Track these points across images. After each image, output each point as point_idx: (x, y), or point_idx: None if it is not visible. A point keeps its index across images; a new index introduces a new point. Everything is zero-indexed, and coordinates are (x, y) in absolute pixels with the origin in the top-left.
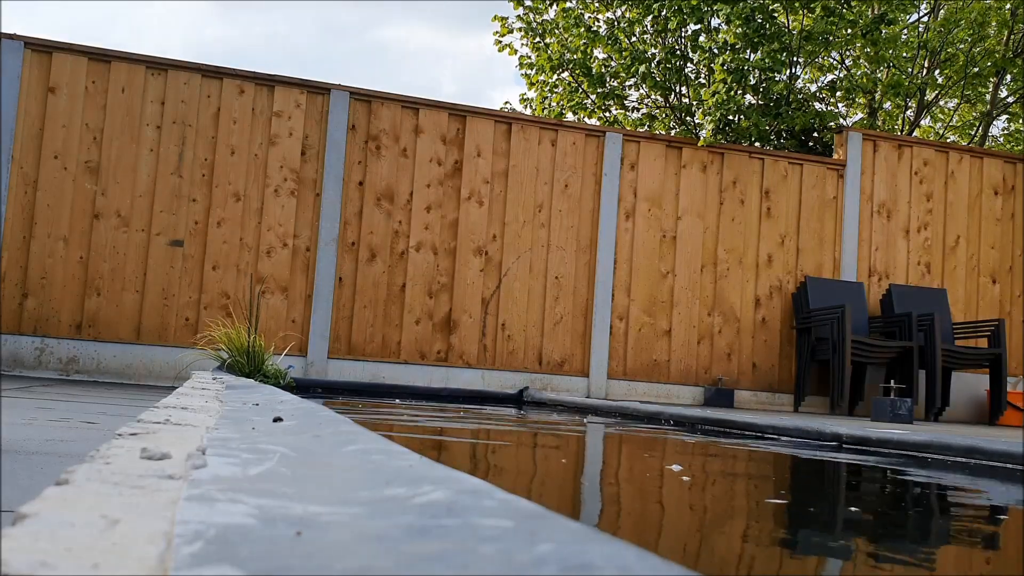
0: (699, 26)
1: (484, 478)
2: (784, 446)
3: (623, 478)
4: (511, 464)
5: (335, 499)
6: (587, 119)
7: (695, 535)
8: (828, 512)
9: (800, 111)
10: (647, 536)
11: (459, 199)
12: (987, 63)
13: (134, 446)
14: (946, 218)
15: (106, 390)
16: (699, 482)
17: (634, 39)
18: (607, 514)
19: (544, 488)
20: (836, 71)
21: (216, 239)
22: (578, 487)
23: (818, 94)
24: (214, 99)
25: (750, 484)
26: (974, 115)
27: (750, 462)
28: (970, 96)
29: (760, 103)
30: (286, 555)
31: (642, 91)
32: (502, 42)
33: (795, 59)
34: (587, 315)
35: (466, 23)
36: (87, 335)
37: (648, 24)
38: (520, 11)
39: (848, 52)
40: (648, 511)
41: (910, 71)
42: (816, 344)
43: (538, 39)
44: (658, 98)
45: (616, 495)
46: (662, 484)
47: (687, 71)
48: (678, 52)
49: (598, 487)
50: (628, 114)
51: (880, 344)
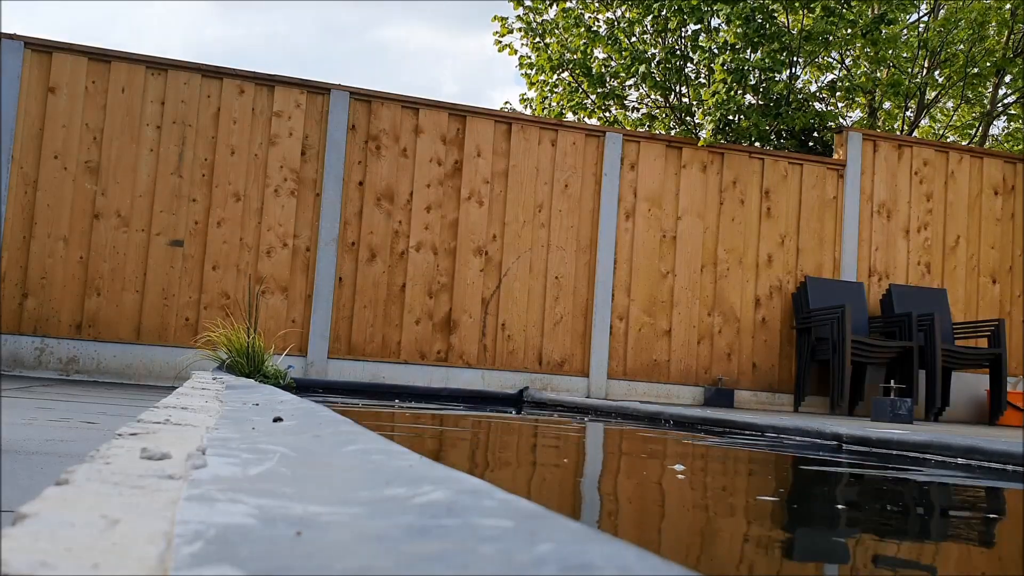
0: (699, 26)
1: (484, 478)
2: (784, 446)
3: (623, 478)
4: (511, 464)
5: (335, 499)
6: (587, 119)
7: (695, 535)
8: (828, 512)
9: (800, 111)
10: (647, 536)
11: (459, 199)
12: (987, 63)
13: (134, 446)
14: (946, 218)
15: (106, 390)
16: (699, 482)
17: (634, 39)
18: (607, 514)
19: (544, 488)
20: (836, 71)
21: (216, 239)
22: (578, 487)
23: (818, 94)
24: (214, 99)
25: (750, 484)
26: (974, 115)
27: (750, 462)
28: (970, 96)
29: (760, 103)
30: (286, 555)
31: (642, 91)
32: (502, 42)
33: (795, 59)
34: (587, 315)
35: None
36: (87, 335)
37: (648, 24)
38: (520, 11)
39: (848, 52)
40: (648, 511)
41: (910, 71)
42: (816, 344)
43: (538, 39)
44: (658, 98)
45: (616, 495)
46: (662, 484)
47: (687, 71)
48: (678, 52)
49: (598, 487)
50: (628, 114)
51: (880, 344)
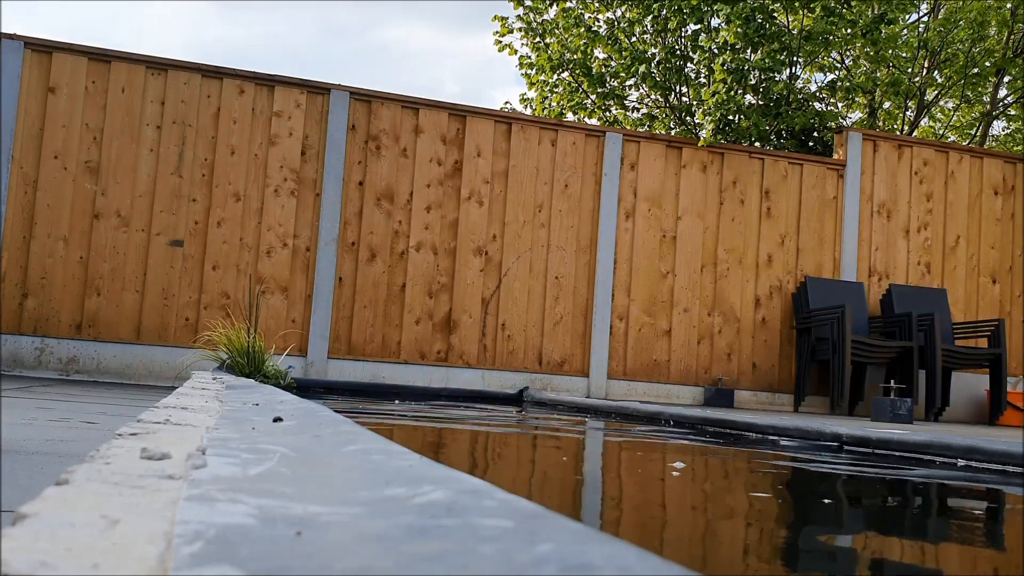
0: (699, 26)
1: (484, 478)
2: (784, 446)
3: (623, 478)
4: (511, 464)
5: (335, 499)
6: (587, 119)
7: (695, 535)
8: (829, 512)
9: (800, 111)
10: (647, 536)
11: (459, 199)
12: (987, 63)
13: (134, 446)
14: (946, 218)
15: (106, 390)
16: (699, 481)
17: (634, 39)
18: (607, 514)
19: (544, 488)
20: (836, 71)
21: (216, 239)
22: (578, 487)
23: (818, 94)
24: (214, 99)
25: (750, 484)
26: (974, 115)
27: (750, 462)
28: (970, 96)
29: (760, 103)
30: (286, 555)
31: (642, 91)
32: (502, 42)
33: (795, 59)
34: (587, 315)
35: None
36: (87, 335)
37: (648, 24)
38: (520, 11)
39: (848, 52)
40: (648, 511)
41: (910, 71)
42: (816, 344)
43: (538, 39)
44: (658, 98)
45: (616, 495)
46: (662, 484)
47: (687, 71)
48: (678, 52)
49: (598, 487)
50: (628, 114)
51: (880, 344)
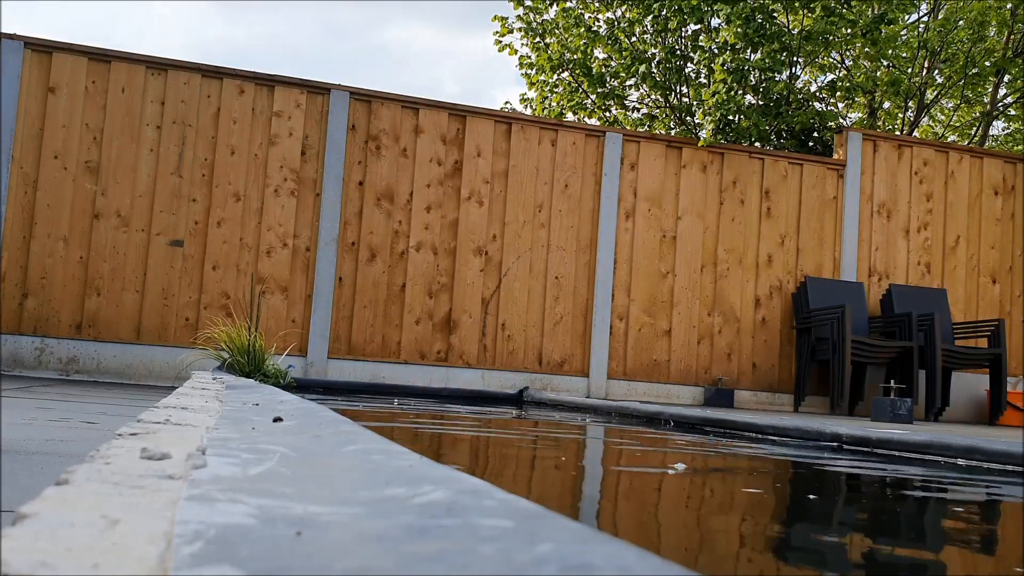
0: (699, 26)
1: (484, 478)
2: (784, 446)
3: (623, 478)
4: (511, 464)
5: (335, 499)
6: (587, 119)
7: (695, 535)
8: (829, 512)
9: (800, 111)
10: (647, 536)
11: (459, 199)
12: (987, 63)
13: (134, 446)
14: (946, 218)
15: (106, 390)
16: (699, 482)
17: (634, 39)
18: (607, 514)
19: (544, 488)
20: (836, 71)
21: (216, 239)
22: (578, 487)
23: (818, 94)
24: (214, 99)
25: (750, 484)
26: (974, 115)
27: (750, 462)
28: (970, 96)
29: (760, 103)
30: (286, 555)
31: (642, 91)
32: (502, 42)
33: (795, 59)
34: (587, 315)
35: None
36: (87, 335)
37: (648, 24)
38: (520, 11)
39: (848, 52)
40: (648, 511)
41: (910, 71)
42: (816, 344)
43: (538, 39)
44: (658, 98)
45: (616, 495)
46: (662, 484)
47: (687, 71)
48: (678, 52)
49: (598, 487)
50: (628, 114)
51: (880, 344)
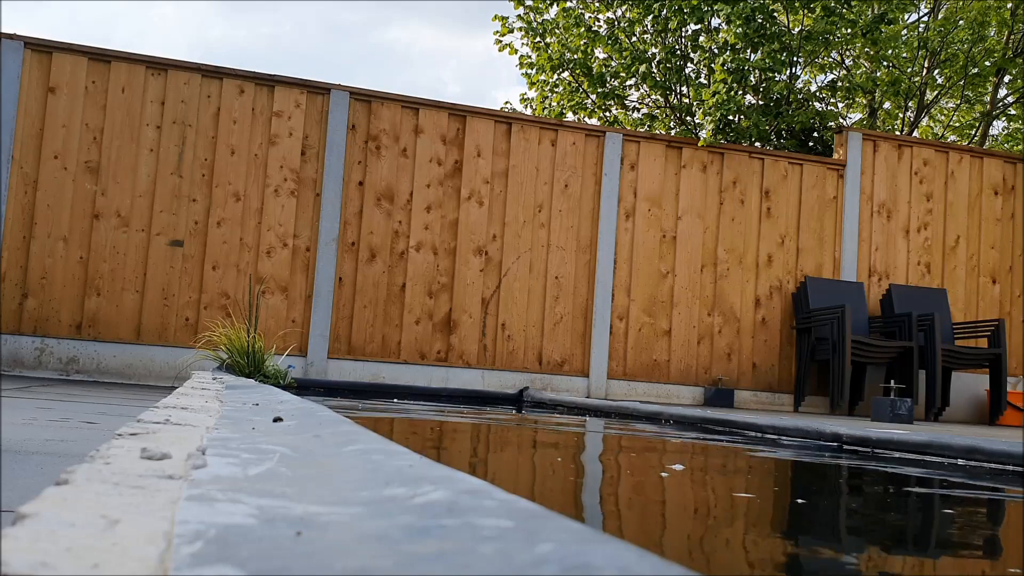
0: (699, 26)
1: (484, 478)
2: (784, 446)
3: (623, 478)
4: (511, 464)
5: (335, 499)
6: (587, 119)
7: (695, 535)
8: (829, 512)
9: (800, 111)
10: (647, 536)
11: (459, 199)
12: (987, 63)
13: (134, 446)
14: (946, 218)
15: (106, 390)
16: (698, 482)
17: (634, 39)
18: (607, 514)
19: (544, 488)
20: (836, 71)
21: (216, 239)
22: (578, 487)
23: (818, 94)
24: (214, 99)
25: (749, 484)
26: (974, 115)
27: (750, 462)
28: (970, 96)
29: (760, 103)
30: (286, 555)
31: (642, 91)
32: (502, 42)
33: (795, 59)
34: (587, 315)
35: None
36: (87, 335)
37: (648, 24)
38: (520, 11)
39: (848, 52)
40: (648, 511)
41: (910, 71)
42: (816, 344)
43: (538, 39)
44: (658, 98)
45: (616, 495)
46: (662, 484)
47: (687, 71)
48: (678, 52)
49: (598, 487)
50: (628, 114)
51: (880, 344)
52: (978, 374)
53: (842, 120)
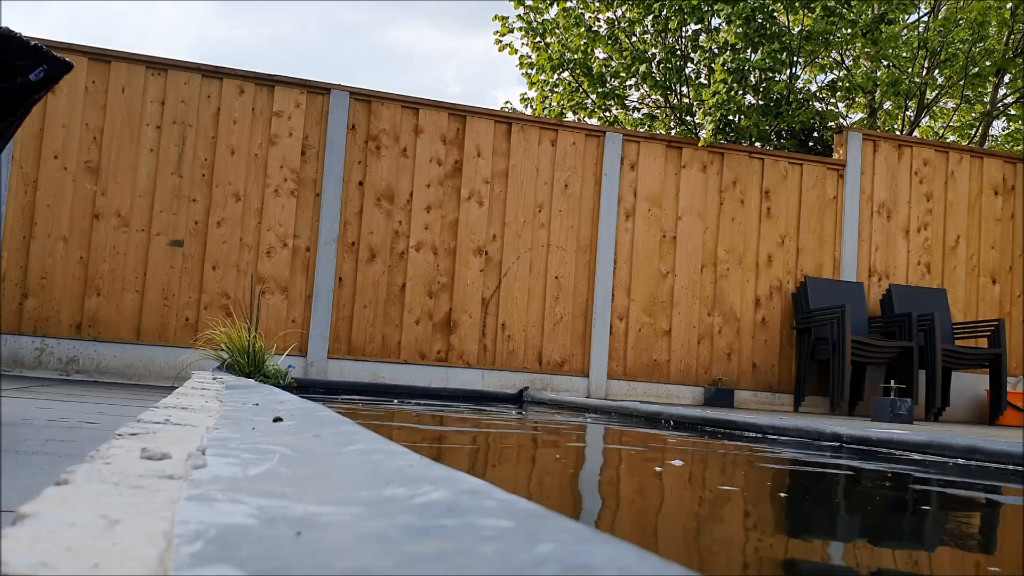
0: (699, 26)
1: (484, 478)
2: (784, 446)
3: (623, 478)
4: (511, 464)
5: (335, 499)
6: (587, 119)
7: (695, 535)
8: (829, 511)
9: (800, 111)
10: (647, 536)
11: (459, 199)
12: (987, 63)
13: (134, 446)
14: (946, 218)
15: (106, 390)
16: (698, 482)
17: (634, 39)
18: (607, 514)
19: (544, 488)
20: (836, 71)
21: (216, 239)
22: (578, 487)
23: (818, 94)
24: (214, 99)
25: (749, 484)
26: (974, 115)
27: (750, 462)
28: (970, 96)
29: (760, 103)
30: (286, 555)
31: (642, 91)
32: (503, 42)
33: (795, 59)
34: (587, 315)
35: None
36: (87, 335)
37: (648, 24)
38: (521, 10)
39: (848, 52)
40: (648, 511)
41: (910, 71)
42: (816, 344)
43: (538, 39)
44: (658, 98)
45: (616, 495)
46: (662, 484)
47: (687, 71)
48: (678, 52)
49: (598, 487)
50: (628, 114)
51: (880, 344)
52: (978, 374)
53: (842, 120)
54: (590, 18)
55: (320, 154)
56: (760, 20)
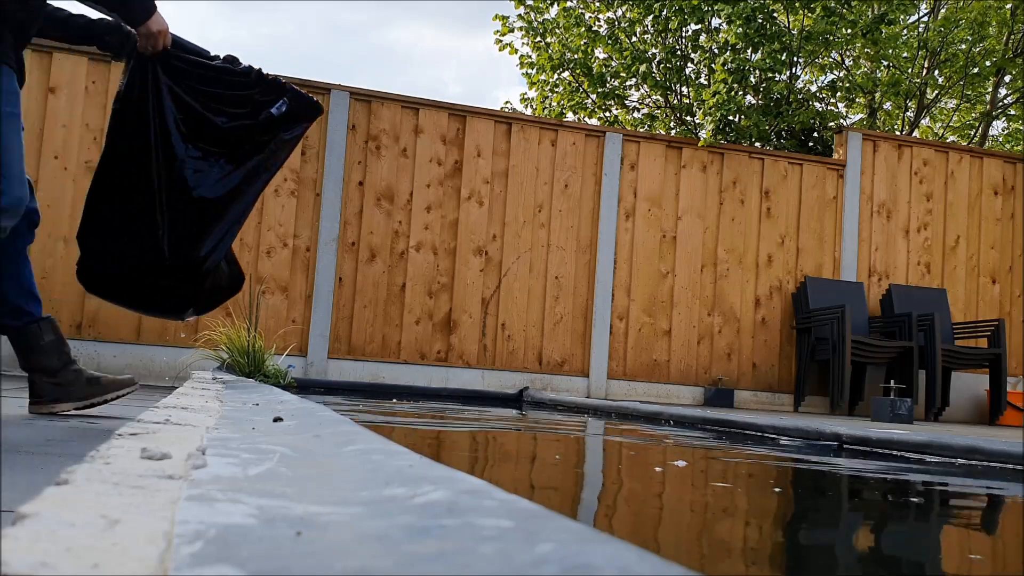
0: (700, 26)
1: (484, 478)
2: (784, 446)
3: (623, 478)
4: (511, 464)
5: (335, 499)
6: (587, 119)
7: (696, 535)
8: (829, 511)
9: (800, 111)
10: (647, 535)
11: (459, 199)
12: (987, 63)
13: (134, 446)
14: (946, 218)
15: None
16: (699, 482)
17: (635, 39)
18: (608, 514)
19: (544, 488)
20: (836, 71)
21: None
22: (578, 487)
23: (818, 94)
24: None
25: (749, 484)
26: (974, 115)
27: (750, 462)
28: (970, 96)
29: (760, 103)
30: (286, 555)
31: (642, 91)
32: (503, 41)
33: (795, 59)
34: (587, 315)
35: (471, 23)
36: (87, 335)
37: (649, 24)
38: (521, 10)
39: (848, 52)
40: (648, 511)
41: (910, 71)
42: (816, 344)
43: (539, 38)
44: (658, 98)
45: (616, 495)
46: (662, 484)
47: (687, 71)
48: (679, 52)
49: (598, 487)
50: (628, 114)
51: (880, 344)
52: (978, 374)
53: (842, 120)
54: (590, 18)
55: (320, 154)
56: (760, 20)
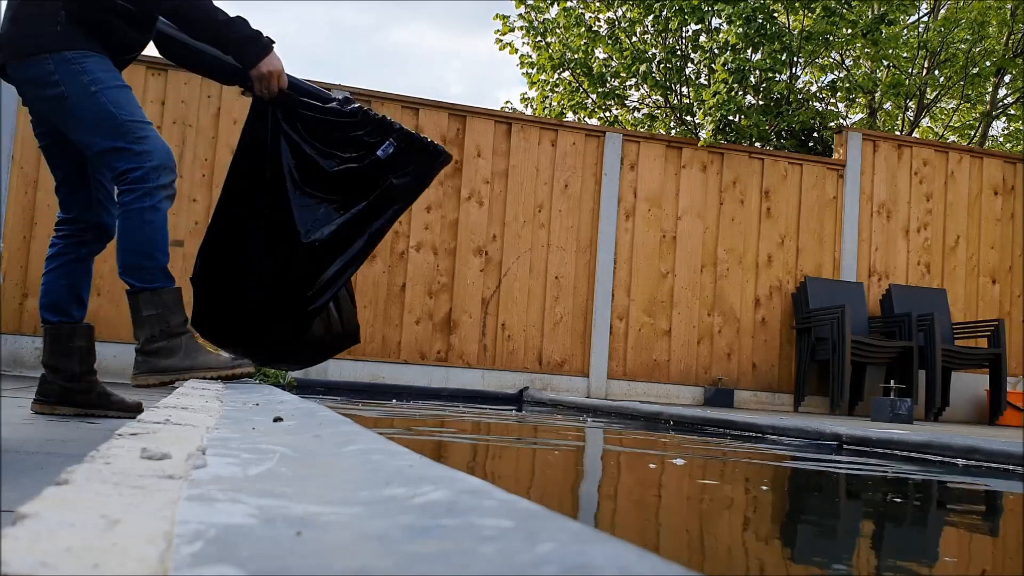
0: (700, 26)
1: (484, 478)
2: (784, 446)
3: (623, 478)
4: (511, 464)
5: (335, 499)
6: (587, 119)
7: (696, 535)
8: (829, 511)
9: (800, 111)
10: (647, 535)
11: (459, 199)
12: (987, 63)
13: (134, 446)
14: (946, 218)
15: None
16: (698, 482)
17: (635, 39)
18: (608, 513)
19: (545, 488)
20: (836, 71)
21: None
22: (579, 487)
23: (818, 94)
24: (214, 99)
25: (749, 484)
26: (974, 115)
27: (750, 462)
28: (970, 96)
29: (760, 103)
30: (286, 555)
31: (643, 91)
32: (503, 41)
33: (796, 59)
34: (587, 315)
35: (472, 23)
36: None
37: (649, 24)
38: (522, 10)
39: (848, 52)
40: (649, 511)
41: (910, 71)
42: (816, 344)
43: (539, 38)
44: (658, 98)
45: (617, 495)
46: (662, 484)
47: (688, 71)
48: (679, 52)
49: (598, 487)
50: (628, 114)
51: (880, 344)
52: (978, 374)
53: (842, 120)
54: (590, 18)
55: None
56: (760, 20)
